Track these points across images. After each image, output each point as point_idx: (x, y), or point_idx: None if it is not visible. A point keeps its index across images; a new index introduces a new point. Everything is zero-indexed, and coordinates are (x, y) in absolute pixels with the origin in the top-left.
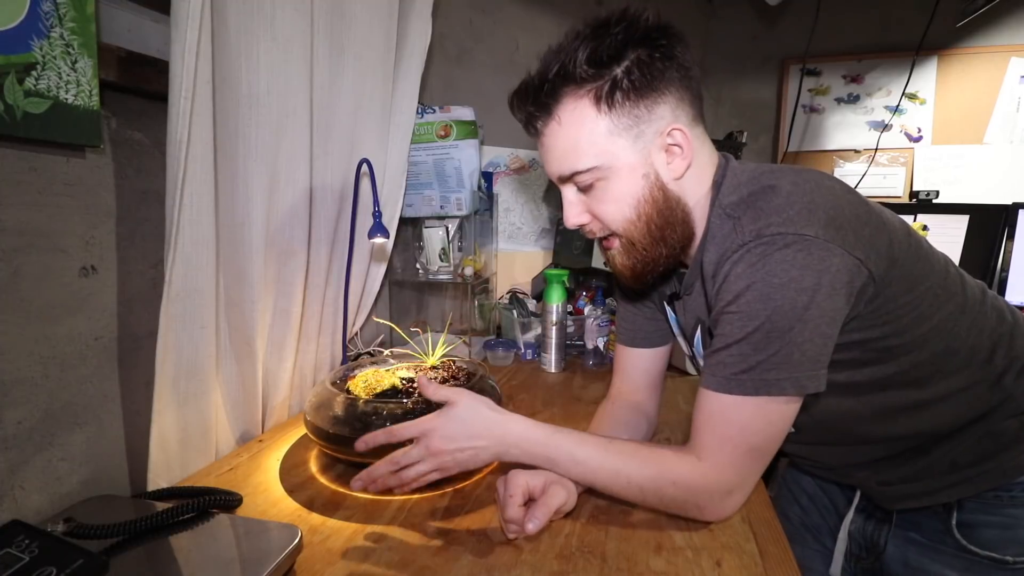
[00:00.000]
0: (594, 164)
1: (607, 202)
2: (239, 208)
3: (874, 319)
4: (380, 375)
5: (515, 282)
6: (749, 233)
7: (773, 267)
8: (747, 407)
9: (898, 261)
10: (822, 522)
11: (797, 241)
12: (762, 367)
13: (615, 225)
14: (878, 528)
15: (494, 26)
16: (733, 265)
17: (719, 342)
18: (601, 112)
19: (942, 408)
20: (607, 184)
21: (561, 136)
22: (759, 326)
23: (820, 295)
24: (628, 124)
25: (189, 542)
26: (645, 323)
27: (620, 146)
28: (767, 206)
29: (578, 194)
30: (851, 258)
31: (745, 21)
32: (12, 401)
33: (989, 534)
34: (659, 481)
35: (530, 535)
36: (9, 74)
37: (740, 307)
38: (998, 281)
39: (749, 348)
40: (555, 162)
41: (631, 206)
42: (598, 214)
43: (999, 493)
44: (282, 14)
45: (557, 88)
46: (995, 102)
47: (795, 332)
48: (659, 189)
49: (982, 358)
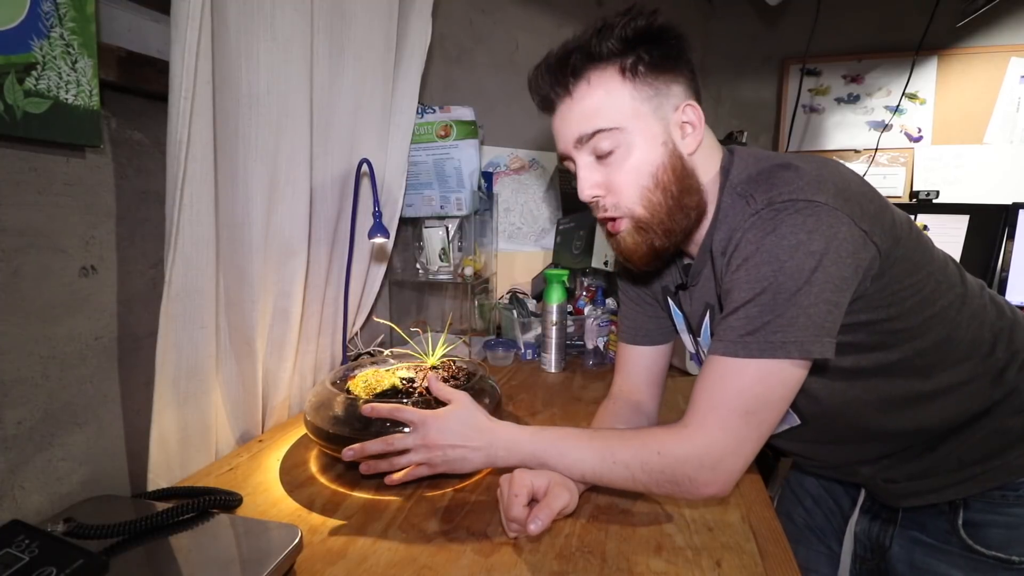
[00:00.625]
0: (618, 124)
1: (626, 168)
2: (239, 208)
3: (879, 300)
4: (380, 375)
5: (515, 282)
6: (761, 202)
7: (783, 230)
8: (748, 370)
9: (901, 241)
10: (826, 524)
11: (807, 206)
12: (768, 328)
13: (630, 196)
14: (884, 529)
15: (494, 26)
16: (744, 233)
17: (728, 308)
18: (626, 80)
19: (945, 401)
20: (627, 150)
21: (584, 100)
22: (766, 287)
23: (827, 260)
24: (649, 95)
25: (189, 542)
26: (646, 321)
27: (642, 113)
28: (778, 179)
29: (594, 163)
30: (857, 229)
31: (745, 21)
32: (12, 401)
33: (995, 534)
34: (643, 452)
35: (531, 536)
36: (9, 74)
37: (748, 270)
38: (998, 281)
39: (756, 310)
40: (575, 124)
41: (650, 174)
42: (614, 184)
43: (1005, 492)
44: (282, 14)
45: (584, 61)
46: (995, 102)
47: (802, 294)
48: (677, 158)
49: (984, 351)
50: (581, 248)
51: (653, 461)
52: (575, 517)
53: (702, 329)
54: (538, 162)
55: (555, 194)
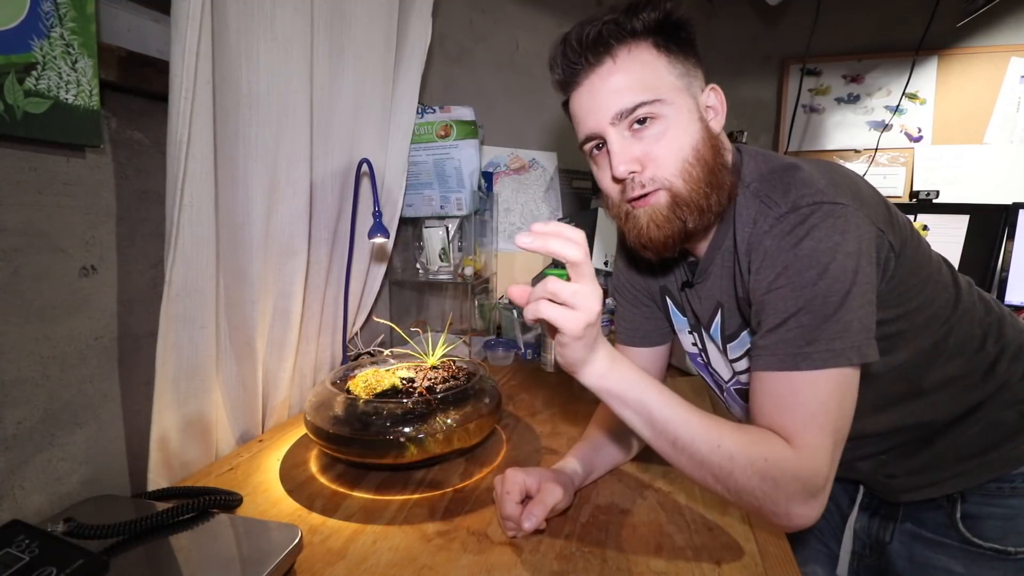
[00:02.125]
0: (659, 96)
1: (666, 140)
2: (239, 208)
3: (889, 299)
4: (380, 375)
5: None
6: (784, 205)
7: (817, 234)
8: (820, 382)
9: (907, 242)
10: (824, 523)
11: (835, 208)
12: (827, 336)
13: (670, 169)
14: (883, 525)
15: (494, 26)
16: (773, 239)
17: (773, 319)
18: (660, 55)
19: (940, 396)
20: (667, 123)
21: (620, 73)
22: (816, 293)
23: (863, 260)
24: (682, 72)
25: (189, 542)
26: (644, 322)
27: (678, 87)
28: (795, 180)
29: (630, 138)
30: (876, 229)
31: (745, 21)
32: (12, 401)
33: (992, 525)
34: (752, 452)
35: (528, 533)
36: (9, 74)
37: (791, 278)
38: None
39: (809, 318)
40: (613, 97)
41: (691, 146)
42: (654, 156)
43: (1001, 484)
44: (282, 14)
45: (617, 36)
46: (995, 102)
47: (851, 297)
48: (711, 135)
49: (974, 346)
50: None
51: (758, 464)
52: (575, 517)
53: (712, 326)
54: (538, 162)
55: (555, 194)
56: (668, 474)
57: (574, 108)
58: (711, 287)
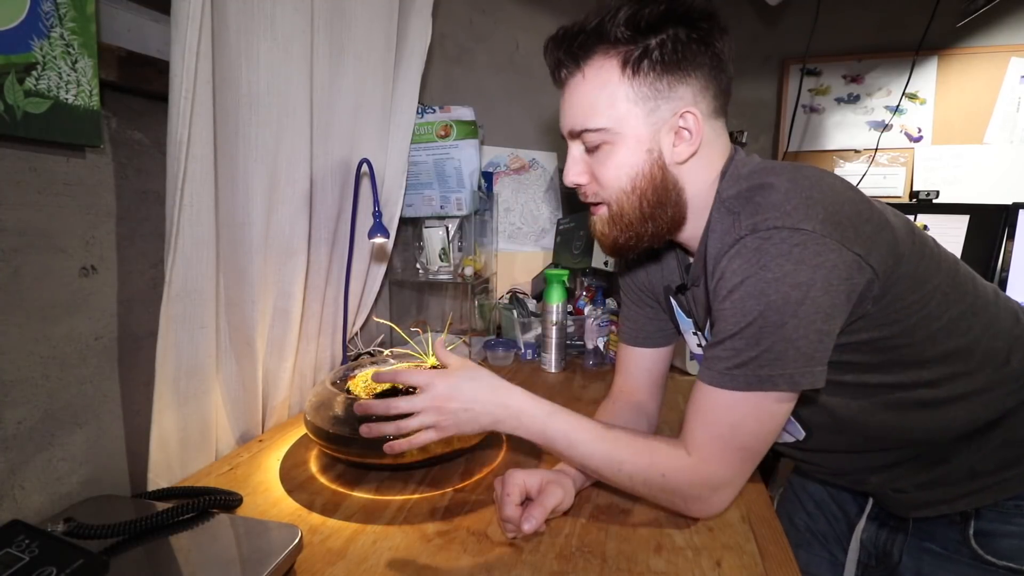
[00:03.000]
0: (605, 126)
1: (608, 167)
2: (239, 208)
3: (882, 318)
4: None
5: (515, 282)
6: (745, 227)
7: (767, 261)
8: (739, 404)
9: (904, 258)
10: (829, 529)
11: (792, 235)
12: (755, 363)
13: (608, 192)
14: (891, 537)
15: (494, 26)
16: (729, 260)
17: (716, 337)
18: (625, 76)
19: (955, 411)
20: (612, 149)
21: (582, 91)
22: (752, 321)
23: (815, 290)
24: (647, 95)
25: (189, 542)
26: (648, 323)
27: (634, 115)
28: (764, 202)
29: (583, 153)
30: (850, 254)
31: (745, 21)
32: (12, 401)
33: (1007, 544)
34: (649, 472)
35: (527, 534)
36: (9, 74)
37: (735, 302)
38: (998, 281)
39: (742, 343)
40: (570, 116)
41: (628, 176)
42: (597, 175)
43: (1019, 502)
44: (282, 14)
45: (590, 42)
46: (995, 102)
47: (789, 328)
48: (659, 168)
49: (999, 361)
50: (581, 248)
51: (656, 481)
52: (575, 517)
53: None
54: (538, 162)
55: (555, 194)
56: None
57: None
58: (701, 292)
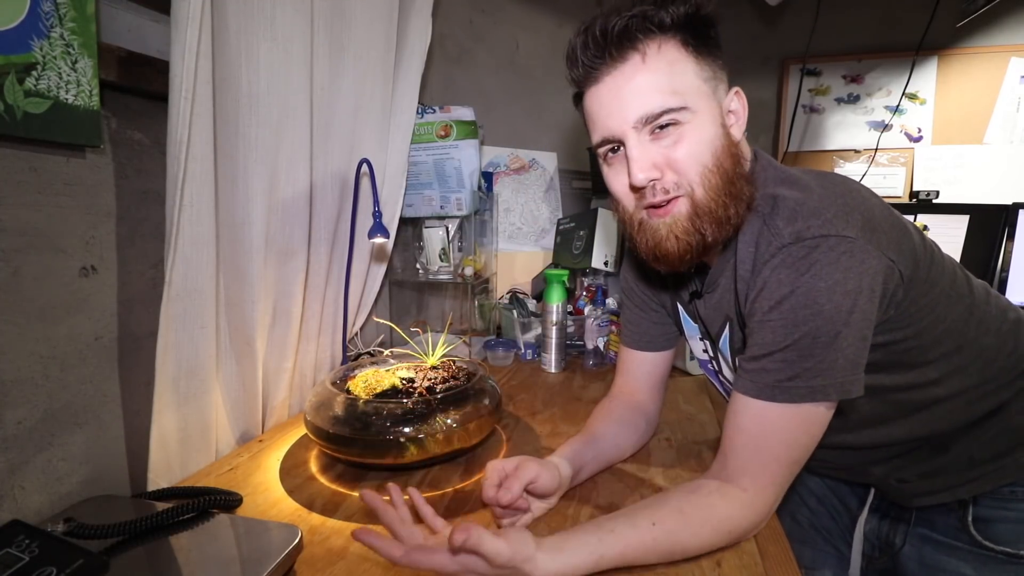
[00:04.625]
0: (685, 104)
1: (685, 145)
2: (239, 208)
3: (899, 322)
4: (380, 375)
5: (515, 282)
6: (788, 235)
7: (817, 270)
8: (792, 417)
9: (920, 263)
10: (832, 524)
11: (840, 244)
12: (809, 374)
13: (690, 175)
14: (893, 527)
15: (494, 26)
16: (773, 270)
17: (759, 349)
18: (689, 54)
19: (954, 405)
20: (689, 128)
21: (645, 73)
22: (806, 332)
23: (862, 298)
24: (709, 75)
25: (189, 542)
26: (651, 327)
27: (705, 92)
28: (802, 209)
29: (649, 142)
30: (886, 259)
31: (745, 21)
32: (12, 401)
33: (1004, 529)
34: (716, 537)
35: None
36: (9, 74)
37: (784, 313)
38: (998, 281)
39: (795, 355)
40: (638, 99)
41: (710, 152)
42: (673, 161)
43: (1015, 488)
44: (282, 14)
45: (644, 31)
46: (995, 102)
47: (841, 337)
48: (730, 143)
49: (990, 355)
50: (581, 248)
51: (724, 538)
52: (575, 517)
53: (721, 339)
54: (538, 162)
55: (555, 194)
56: (668, 473)
57: (591, 106)
58: (719, 300)
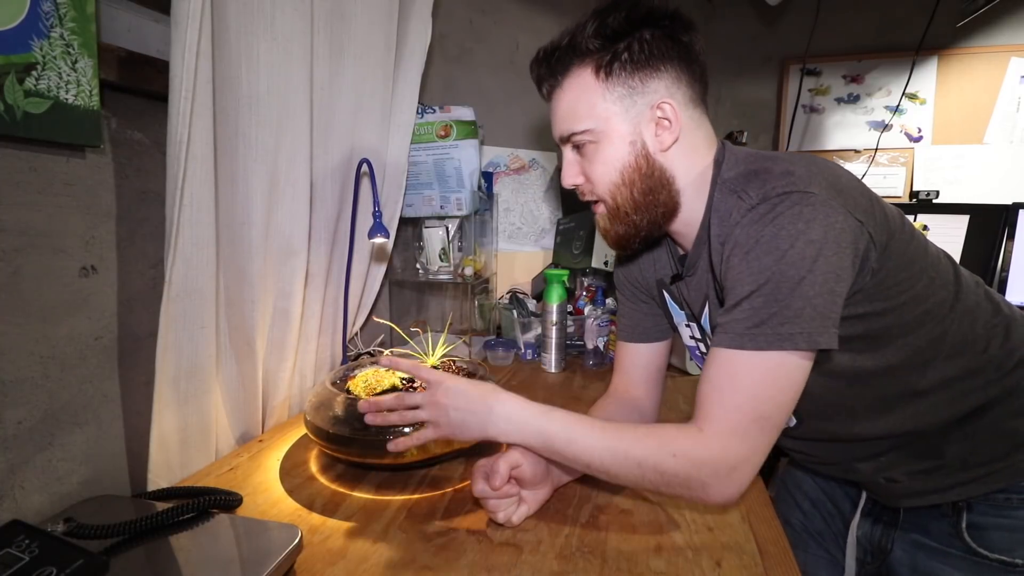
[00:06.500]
0: (588, 127)
1: (597, 164)
2: (239, 208)
3: (875, 293)
4: (380, 375)
5: (515, 282)
6: (756, 198)
7: (781, 221)
8: (759, 366)
9: (895, 235)
10: (825, 528)
11: (803, 198)
12: (775, 320)
13: (601, 188)
14: (887, 532)
15: (494, 26)
16: (741, 228)
17: (730, 300)
18: (599, 80)
19: (938, 397)
20: (598, 147)
21: (564, 100)
22: (769, 278)
23: (827, 248)
24: (622, 94)
25: (189, 542)
26: (643, 318)
27: (613, 113)
28: (769, 173)
29: (576, 156)
30: (853, 219)
31: (745, 21)
32: (12, 401)
33: (999, 536)
34: (659, 453)
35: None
36: (9, 74)
37: (749, 263)
38: (998, 281)
39: (760, 301)
40: (558, 123)
41: (617, 170)
42: (590, 174)
43: (1009, 494)
44: (282, 14)
45: (566, 57)
46: (995, 102)
47: (806, 284)
48: (644, 158)
49: (978, 348)
50: (581, 248)
51: (667, 464)
52: (575, 517)
53: (703, 317)
54: (538, 162)
55: (555, 194)
56: None
57: None
58: (698, 280)
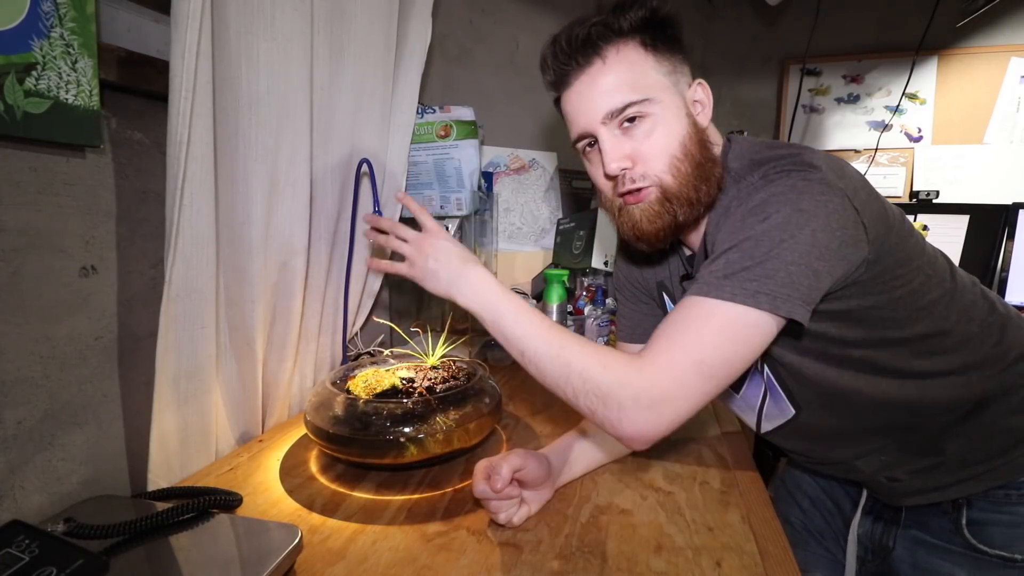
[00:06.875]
0: (646, 96)
1: (654, 140)
2: (239, 208)
3: (871, 287)
4: (380, 375)
5: (515, 282)
6: (757, 177)
7: (773, 188)
8: (716, 313)
9: (893, 230)
10: (825, 526)
11: (804, 169)
12: (744, 274)
13: (659, 164)
14: (887, 530)
15: (494, 26)
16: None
17: (711, 257)
18: (648, 53)
19: (934, 389)
20: (654, 120)
21: (609, 75)
22: (750, 236)
23: (816, 222)
24: (668, 69)
25: (189, 542)
26: (643, 319)
27: (666, 86)
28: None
29: (620, 136)
30: (851, 207)
31: (745, 21)
32: (12, 401)
33: (998, 532)
34: (590, 360)
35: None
36: (9, 74)
37: (735, 222)
38: (998, 281)
39: (736, 255)
40: (603, 97)
41: (678, 143)
42: (643, 153)
43: (1008, 491)
44: (282, 14)
45: (604, 36)
46: (995, 102)
47: (785, 247)
48: (699, 131)
49: (974, 345)
50: (581, 248)
51: (593, 371)
52: (575, 517)
53: None
54: (538, 162)
55: (555, 194)
56: (668, 474)
57: (566, 108)
58: None
